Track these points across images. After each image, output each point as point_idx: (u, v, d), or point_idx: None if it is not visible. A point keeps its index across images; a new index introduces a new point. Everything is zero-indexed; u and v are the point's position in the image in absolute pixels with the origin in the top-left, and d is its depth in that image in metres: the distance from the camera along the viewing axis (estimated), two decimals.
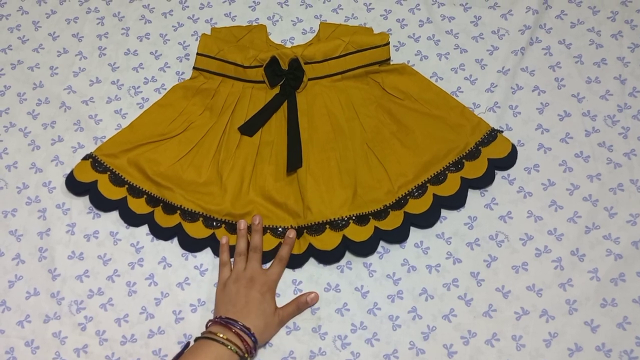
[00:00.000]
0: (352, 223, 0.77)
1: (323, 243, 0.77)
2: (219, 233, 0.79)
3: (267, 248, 0.78)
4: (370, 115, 0.83)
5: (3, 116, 0.90)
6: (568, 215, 0.79)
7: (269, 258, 0.78)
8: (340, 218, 0.77)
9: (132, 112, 0.88)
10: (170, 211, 0.80)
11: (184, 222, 0.79)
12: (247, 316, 0.71)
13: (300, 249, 0.78)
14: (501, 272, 0.77)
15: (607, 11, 0.89)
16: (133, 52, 0.93)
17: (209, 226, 0.80)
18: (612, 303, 0.74)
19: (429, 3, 0.92)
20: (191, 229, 0.79)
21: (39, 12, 0.97)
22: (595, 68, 0.86)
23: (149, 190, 0.82)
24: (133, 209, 0.81)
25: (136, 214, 0.81)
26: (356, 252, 0.77)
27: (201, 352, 0.68)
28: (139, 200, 0.81)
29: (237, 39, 0.89)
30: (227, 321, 0.70)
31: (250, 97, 0.84)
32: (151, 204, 0.81)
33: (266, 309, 0.72)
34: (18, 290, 0.80)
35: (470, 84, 0.87)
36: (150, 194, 0.81)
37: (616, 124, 0.83)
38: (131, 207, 0.81)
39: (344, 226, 0.77)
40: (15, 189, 0.85)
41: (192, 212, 0.80)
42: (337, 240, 0.77)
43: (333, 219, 0.77)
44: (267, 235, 0.79)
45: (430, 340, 0.74)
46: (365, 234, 0.77)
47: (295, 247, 0.78)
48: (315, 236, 0.77)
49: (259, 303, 0.72)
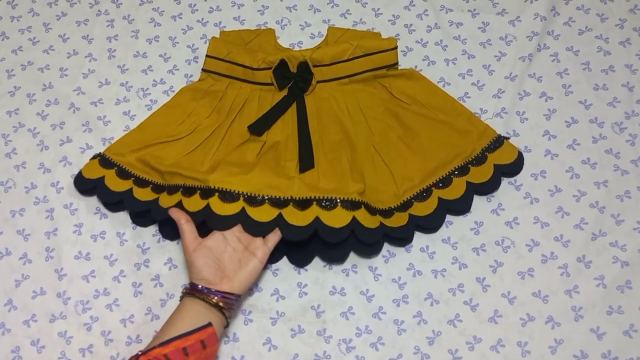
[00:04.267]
0: (363, 207, 0.74)
1: (332, 219, 0.73)
2: (212, 201, 0.75)
3: (266, 219, 0.74)
4: (377, 118, 0.83)
5: (12, 116, 0.91)
6: (575, 221, 0.78)
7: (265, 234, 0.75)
8: (353, 199, 0.74)
9: (140, 113, 0.89)
10: (174, 191, 0.78)
11: (184, 198, 0.76)
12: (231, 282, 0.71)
13: (306, 220, 0.73)
14: (507, 278, 0.76)
15: (615, 19, 0.89)
16: (142, 55, 0.93)
17: (204, 197, 0.75)
18: (618, 310, 0.74)
19: (437, 9, 0.92)
20: (189, 203, 0.76)
21: (50, 14, 0.97)
22: (603, 75, 0.86)
23: (155, 180, 0.81)
24: (138, 198, 0.80)
25: (141, 201, 0.80)
26: (362, 238, 0.74)
27: (184, 309, 0.69)
28: (145, 189, 0.81)
29: (245, 42, 0.89)
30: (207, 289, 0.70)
31: (258, 100, 0.85)
32: (156, 191, 0.81)
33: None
34: (25, 290, 0.80)
35: (478, 90, 0.87)
36: (155, 183, 0.81)
37: (623, 131, 0.83)
38: (136, 196, 0.80)
39: (356, 207, 0.74)
40: (24, 188, 0.86)
41: (191, 187, 0.76)
42: (347, 219, 0.73)
43: (347, 198, 0.74)
44: (266, 205, 0.74)
45: (435, 345, 0.74)
46: (373, 223, 0.74)
47: (300, 218, 0.73)
48: (326, 210, 0.74)
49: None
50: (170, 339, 0.66)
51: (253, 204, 0.74)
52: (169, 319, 0.70)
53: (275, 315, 0.77)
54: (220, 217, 0.73)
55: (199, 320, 0.68)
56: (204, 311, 0.69)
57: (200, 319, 0.68)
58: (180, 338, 0.66)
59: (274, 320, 0.76)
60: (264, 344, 0.75)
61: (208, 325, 0.68)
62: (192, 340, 0.66)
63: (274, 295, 0.78)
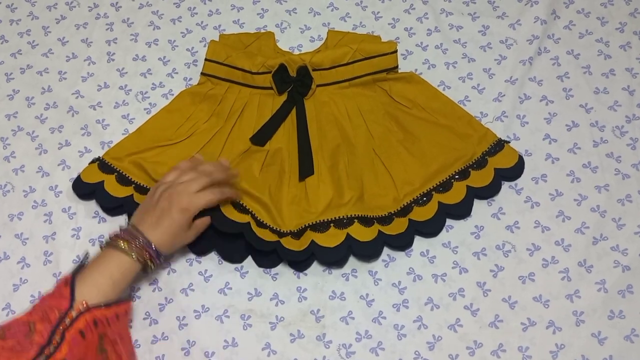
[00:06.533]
0: (356, 222, 0.76)
1: (326, 240, 0.76)
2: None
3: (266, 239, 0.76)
4: (377, 122, 0.83)
5: (11, 120, 0.90)
6: (576, 226, 0.78)
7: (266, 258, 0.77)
8: (344, 216, 0.76)
9: (139, 117, 0.89)
10: None
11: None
12: (154, 230, 0.70)
13: (302, 246, 0.76)
14: (508, 283, 0.76)
15: (616, 22, 0.89)
16: (141, 58, 0.93)
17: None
18: (619, 315, 0.73)
19: (437, 12, 0.92)
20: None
21: (49, 18, 0.97)
22: (603, 79, 0.86)
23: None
24: (139, 202, 0.80)
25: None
26: (360, 253, 0.76)
27: (104, 260, 0.68)
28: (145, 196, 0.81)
29: (245, 45, 0.89)
30: (133, 233, 0.70)
31: (258, 104, 0.85)
32: None
33: (177, 231, 0.72)
34: (23, 294, 0.80)
35: (478, 93, 0.86)
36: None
37: (624, 134, 0.82)
38: (137, 201, 0.80)
39: (348, 224, 0.76)
40: (22, 192, 0.85)
41: None
42: (340, 238, 0.76)
43: (338, 217, 0.77)
44: (267, 231, 0.77)
45: (435, 350, 0.74)
46: (369, 235, 0.76)
47: (296, 245, 0.76)
48: (319, 233, 0.76)
49: (171, 223, 0.71)
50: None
51: (258, 225, 0.77)
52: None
53: (275, 320, 0.76)
54: (227, 219, 0.76)
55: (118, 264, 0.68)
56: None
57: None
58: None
59: (273, 325, 0.76)
60: (263, 349, 0.75)
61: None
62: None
63: (273, 299, 0.77)
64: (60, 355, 0.59)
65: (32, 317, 0.61)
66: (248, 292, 0.78)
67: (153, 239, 0.70)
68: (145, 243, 0.70)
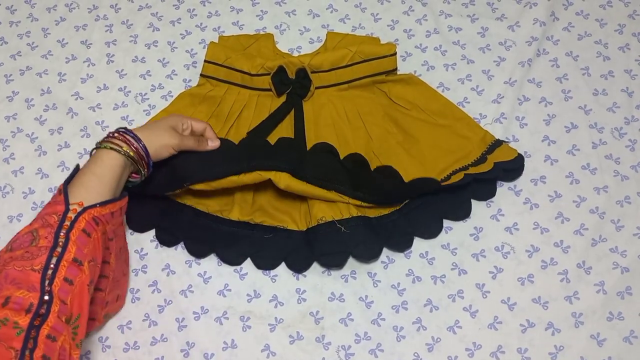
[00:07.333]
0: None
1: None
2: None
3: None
4: (376, 124, 0.83)
5: (11, 121, 0.90)
6: (575, 227, 0.78)
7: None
8: (342, 219, 0.76)
9: (138, 118, 0.89)
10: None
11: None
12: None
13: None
14: (507, 284, 0.76)
15: (615, 24, 0.89)
16: (141, 60, 0.93)
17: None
18: (618, 316, 0.73)
19: (436, 14, 0.92)
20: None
21: (49, 19, 0.97)
22: (602, 80, 0.86)
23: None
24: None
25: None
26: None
27: (88, 162, 0.68)
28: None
29: (244, 47, 0.89)
30: (123, 133, 0.70)
31: (256, 105, 0.85)
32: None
33: (158, 126, 0.73)
34: None
35: (477, 95, 0.87)
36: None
37: (623, 136, 0.83)
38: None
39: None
40: (21, 194, 0.85)
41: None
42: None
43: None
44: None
45: (434, 351, 0.74)
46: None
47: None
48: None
49: (153, 122, 0.74)
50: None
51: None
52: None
53: (274, 322, 0.76)
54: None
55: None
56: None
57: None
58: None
59: (272, 326, 0.76)
60: (262, 350, 0.75)
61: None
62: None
63: (273, 301, 0.77)
64: (70, 256, 0.60)
65: (33, 226, 0.62)
66: (247, 294, 0.78)
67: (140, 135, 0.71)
68: (123, 131, 0.70)
